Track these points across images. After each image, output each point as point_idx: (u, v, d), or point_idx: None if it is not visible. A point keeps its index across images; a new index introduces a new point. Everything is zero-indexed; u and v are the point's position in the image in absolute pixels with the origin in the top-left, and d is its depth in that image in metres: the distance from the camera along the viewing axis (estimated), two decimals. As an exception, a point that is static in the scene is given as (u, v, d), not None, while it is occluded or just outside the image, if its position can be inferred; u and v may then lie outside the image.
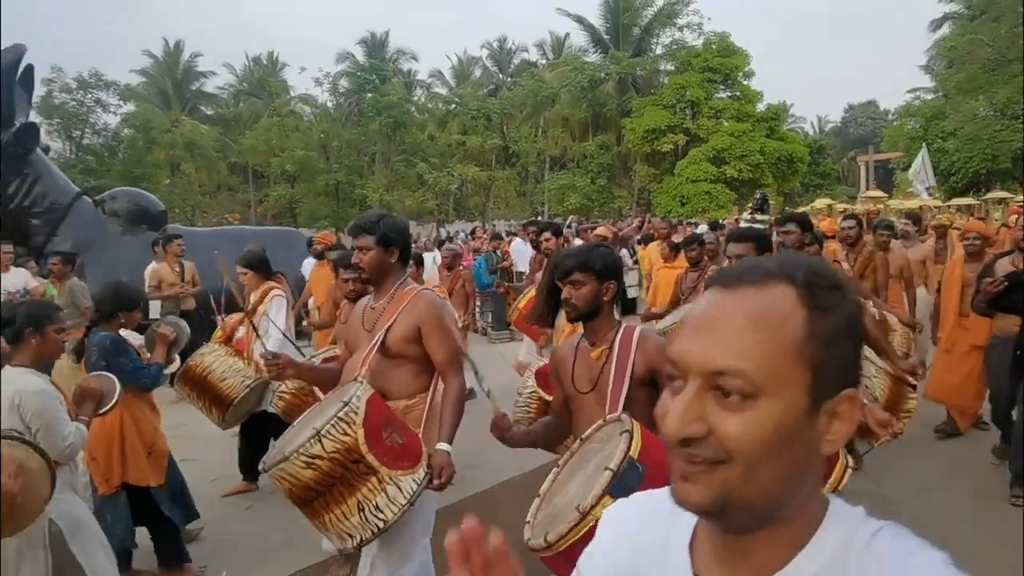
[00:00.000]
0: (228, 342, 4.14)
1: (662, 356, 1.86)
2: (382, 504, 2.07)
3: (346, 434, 2.04)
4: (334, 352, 3.60)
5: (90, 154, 24.81)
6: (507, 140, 29.56)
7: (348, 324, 2.75)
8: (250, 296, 4.27)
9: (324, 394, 2.92)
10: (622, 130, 27.98)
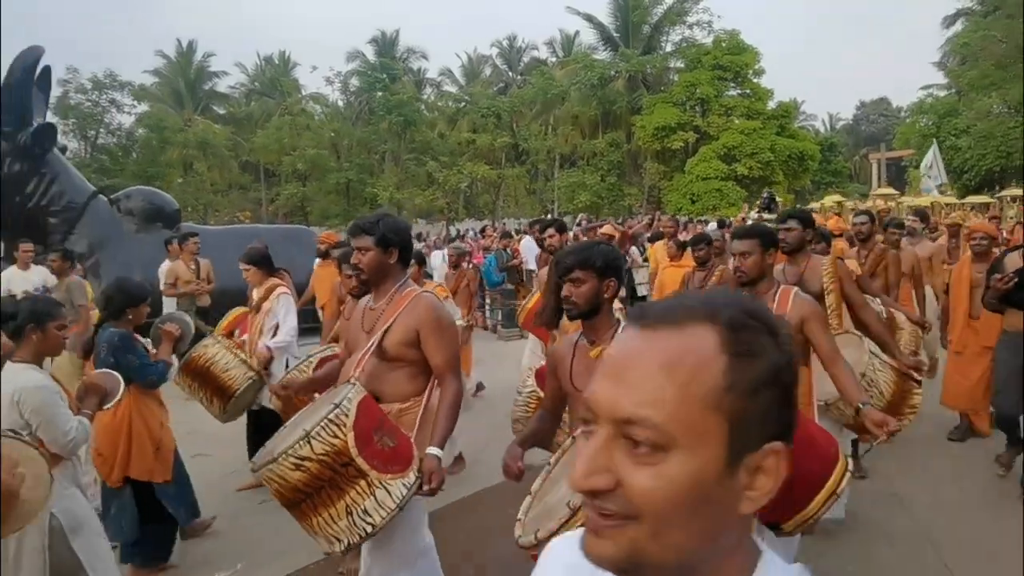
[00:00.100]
0: (230, 336, 4.17)
1: None
2: (370, 508, 2.04)
3: (336, 436, 2.02)
4: (333, 351, 3.59)
5: (104, 153, 25.15)
6: (517, 138, 29.57)
7: (348, 323, 2.73)
8: (253, 292, 4.32)
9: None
10: (632, 128, 27.94)
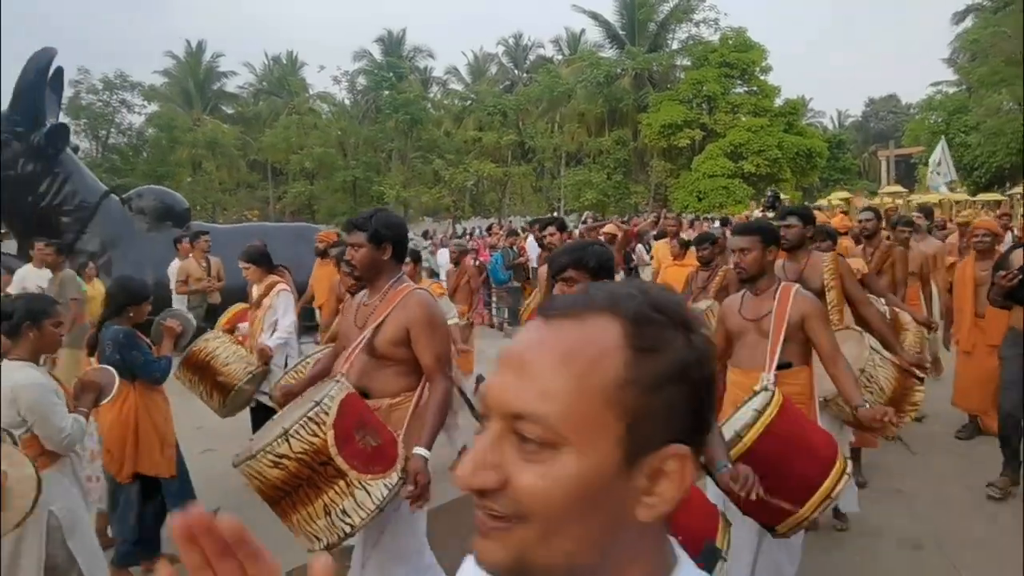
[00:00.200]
0: (230, 332, 4.22)
1: None
2: (349, 508, 2.00)
3: (315, 435, 1.98)
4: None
5: (115, 153, 25.39)
6: (523, 136, 29.61)
7: (343, 319, 2.70)
8: (252, 289, 4.39)
9: None
10: (638, 125, 27.88)
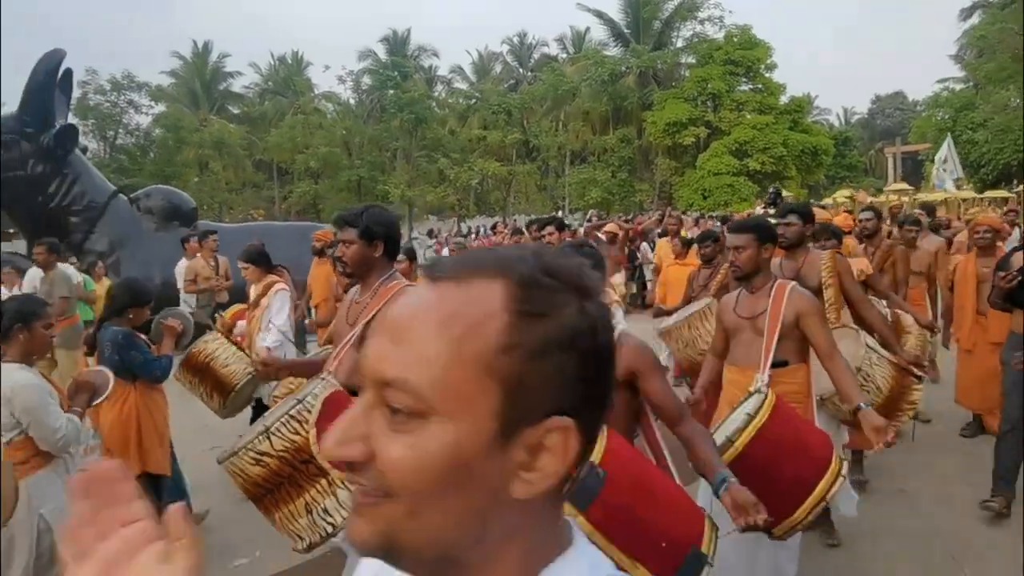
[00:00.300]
0: (228, 333, 4.25)
1: (642, 358, 1.95)
2: (331, 508, 1.99)
3: (297, 433, 1.99)
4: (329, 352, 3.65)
5: (123, 153, 25.63)
6: (528, 135, 29.65)
7: (336, 317, 2.70)
8: (251, 289, 4.45)
9: None
10: (643, 123, 27.87)
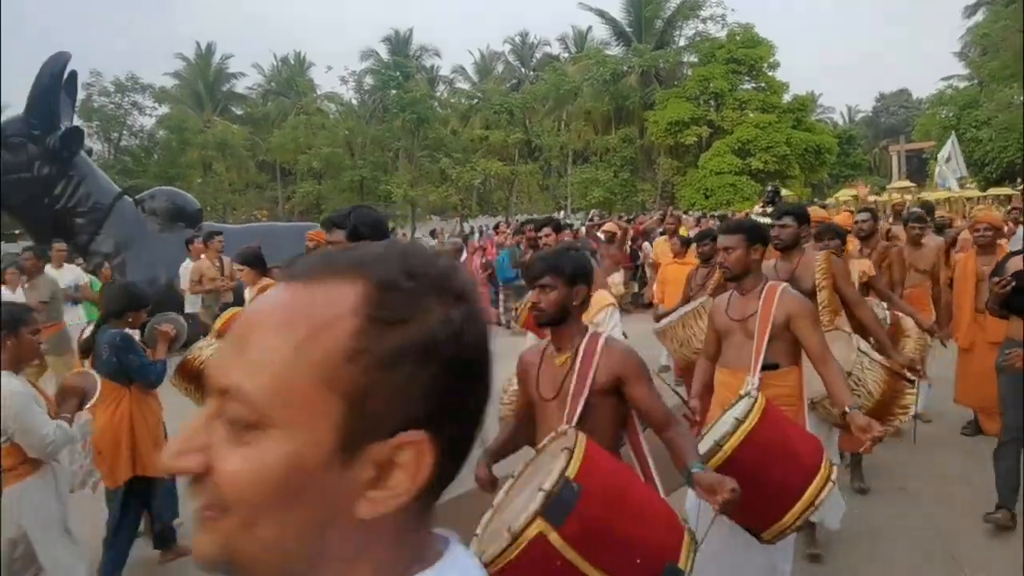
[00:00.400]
0: (221, 337, 4.24)
1: (628, 364, 1.94)
2: None
3: None
4: None
5: (127, 155, 25.73)
6: (530, 134, 29.64)
7: None
8: (247, 292, 4.46)
9: None
10: (645, 123, 27.83)
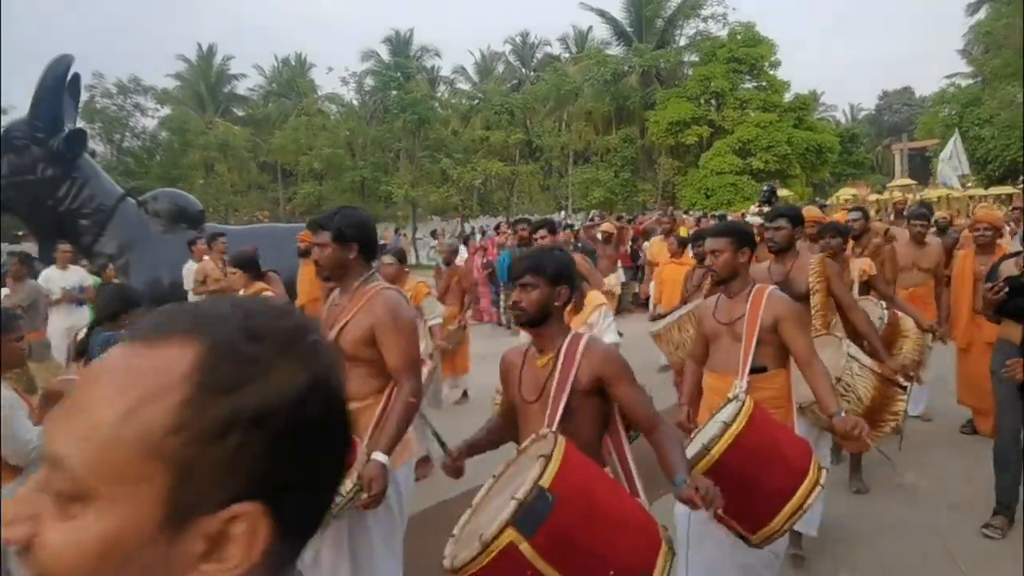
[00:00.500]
0: None
1: (609, 364, 1.92)
2: None
3: None
4: None
5: (130, 156, 25.75)
6: (530, 135, 29.66)
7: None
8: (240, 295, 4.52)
9: None
10: (646, 123, 27.84)
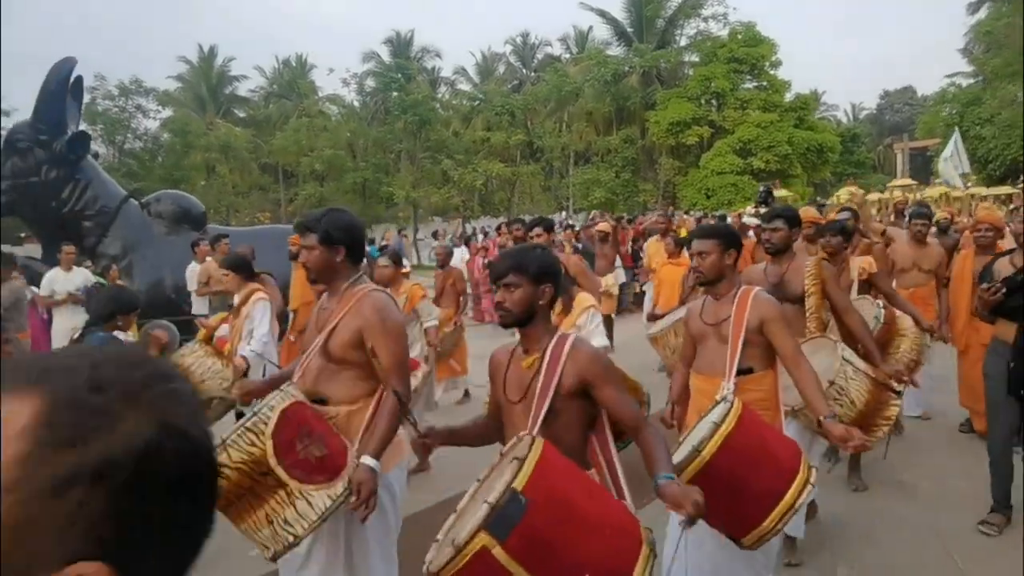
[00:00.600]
0: (209, 341, 4.27)
1: (595, 367, 1.88)
2: (291, 518, 2.01)
3: (254, 445, 2.00)
4: None
5: (132, 158, 25.80)
6: (531, 135, 29.69)
7: (308, 324, 2.65)
8: (235, 297, 4.47)
9: None
10: (646, 123, 27.84)
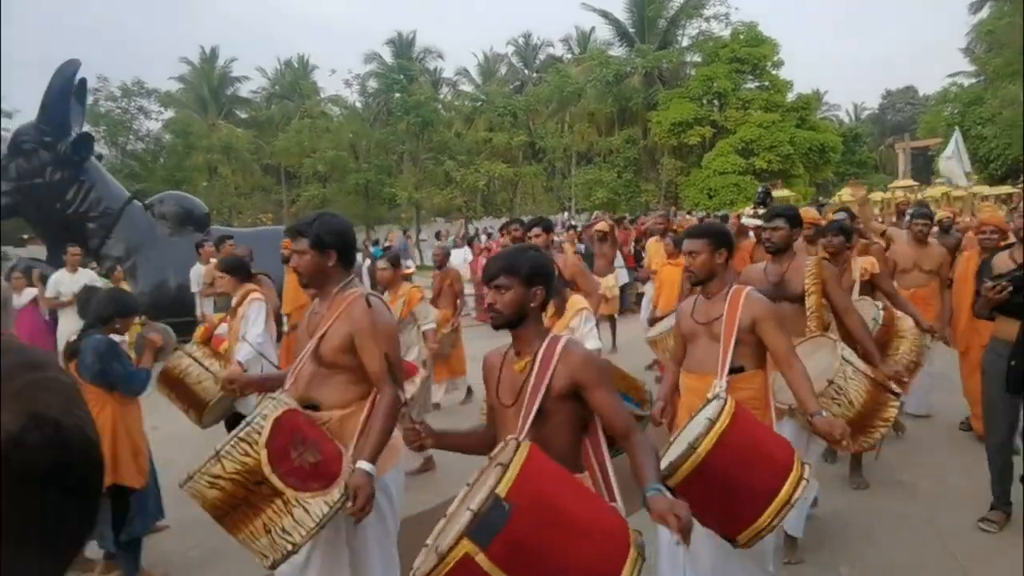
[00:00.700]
0: (207, 342, 4.25)
1: (586, 369, 1.84)
2: (288, 527, 2.00)
3: (247, 455, 1.99)
4: None
5: (134, 159, 25.80)
6: (533, 136, 29.70)
7: (301, 329, 2.65)
8: (233, 300, 4.46)
9: None
10: (648, 123, 27.83)
